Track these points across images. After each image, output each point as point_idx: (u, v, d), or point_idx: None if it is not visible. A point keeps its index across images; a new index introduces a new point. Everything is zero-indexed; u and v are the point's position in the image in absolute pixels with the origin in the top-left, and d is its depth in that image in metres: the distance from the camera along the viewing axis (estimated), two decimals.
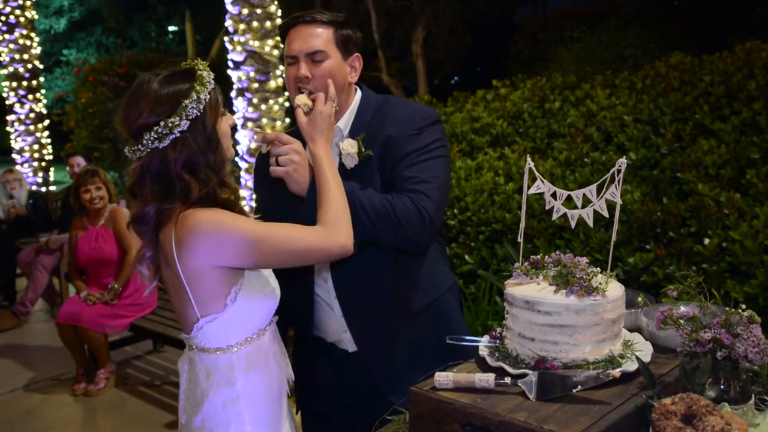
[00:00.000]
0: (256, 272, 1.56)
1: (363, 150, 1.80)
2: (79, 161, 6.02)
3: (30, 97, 9.01)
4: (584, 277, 1.36)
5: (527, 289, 1.39)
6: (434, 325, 1.90)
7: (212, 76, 1.51)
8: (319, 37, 1.79)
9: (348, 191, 1.65)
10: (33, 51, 9.06)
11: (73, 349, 4.36)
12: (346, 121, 1.88)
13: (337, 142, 1.85)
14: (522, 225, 1.51)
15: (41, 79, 9.38)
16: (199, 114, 1.45)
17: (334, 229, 1.51)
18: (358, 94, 1.93)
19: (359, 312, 1.86)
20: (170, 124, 1.43)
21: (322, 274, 1.89)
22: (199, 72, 1.48)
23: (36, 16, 9.36)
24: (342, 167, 1.81)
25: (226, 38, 5.77)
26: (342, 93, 1.84)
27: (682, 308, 1.42)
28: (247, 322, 1.56)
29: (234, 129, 5.73)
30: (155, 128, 1.44)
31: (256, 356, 1.58)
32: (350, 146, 1.80)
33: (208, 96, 1.47)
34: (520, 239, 1.51)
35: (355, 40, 1.87)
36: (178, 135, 1.45)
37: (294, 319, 1.96)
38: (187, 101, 1.44)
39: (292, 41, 1.81)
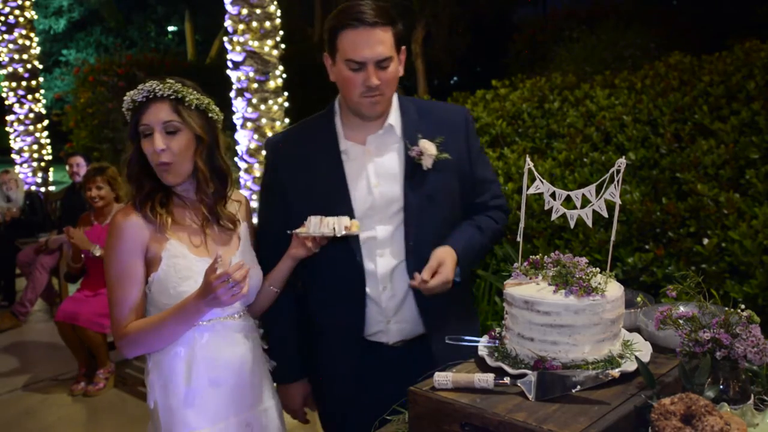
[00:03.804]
0: (173, 267, 1.70)
1: (441, 152, 1.86)
2: (79, 161, 6.01)
3: (29, 97, 9.00)
4: (583, 277, 1.36)
5: (526, 289, 1.39)
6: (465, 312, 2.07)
7: (136, 97, 1.70)
8: (386, 42, 1.78)
9: (479, 248, 1.94)
10: (32, 51, 9.05)
11: (74, 348, 4.36)
12: (395, 117, 1.91)
13: (401, 142, 1.89)
14: (521, 225, 1.51)
15: (40, 79, 9.37)
16: (127, 122, 1.74)
17: (128, 338, 1.70)
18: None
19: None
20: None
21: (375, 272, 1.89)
22: (129, 93, 1.72)
23: (35, 16, 9.35)
24: (418, 167, 1.86)
25: (225, 38, 5.77)
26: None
27: (682, 308, 1.42)
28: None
29: (233, 129, 5.74)
30: None
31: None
32: (430, 147, 1.86)
33: (127, 114, 1.74)
34: (520, 239, 1.51)
35: (402, 33, 1.88)
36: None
37: (343, 314, 1.92)
38: (125, 100, 1.74)
39: (358, 45, 1.75)
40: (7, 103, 8.98)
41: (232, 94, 5.71)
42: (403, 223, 1.85)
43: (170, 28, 20.29)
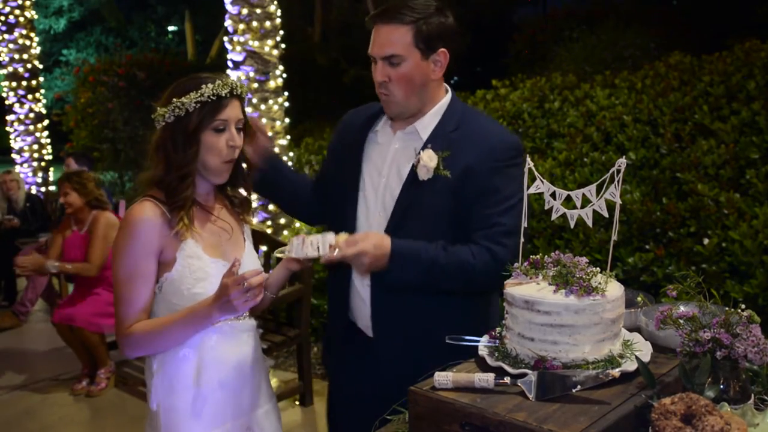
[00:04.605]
0: (188, 268, 1.67)
1: (442, 168, 1.76)
2: (69, 162, 6.00)
3: (29, 97, 9.00)
4: (584, 277, 1.36)
5: (527, 288, 1.39)
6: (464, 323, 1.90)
7: (221, 92, 1.65)
8: (396, 39, 1.76)
9: (429, 263, 1.71)
10: (32, 51, 9.05)
11: (75, 348, 4.35)
12: (426, 125, 1.85)
13: (417, 147, 1.82)
14: (523, 225, 1.51)
15: (41, 79, 9.38)
16: (182, 115, 1.65)
17: (133, 338, 1.66)
18: (447, 97, 1.90)
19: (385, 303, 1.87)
20: (162, 112, 1.68)
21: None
22: (204, 87, 1.65)
23: (35, 16, 9.36)
24: (412, 176, 1.80)
25: (225, 38, 5.76)
26: (422, 92, 1.82)
27: (682, 308, 1.42)
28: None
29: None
30: (159, 109, 1.70)
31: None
32: (430, 160, 1.77)
33: (195, 106, 1.64)
34: (521, 239, 1.51)
35: (442, 33, 1.81)
36: (165, 122, 1.68)
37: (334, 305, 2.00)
38: (177, 102, 1.65)
39: (372, 41, 1.80)
40: (7, 102, 8.99)
41: None
42: (385, 226, 1.84)
43: (170, 28, 20.30)
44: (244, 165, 1.83)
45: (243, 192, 1.87)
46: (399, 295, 1.82)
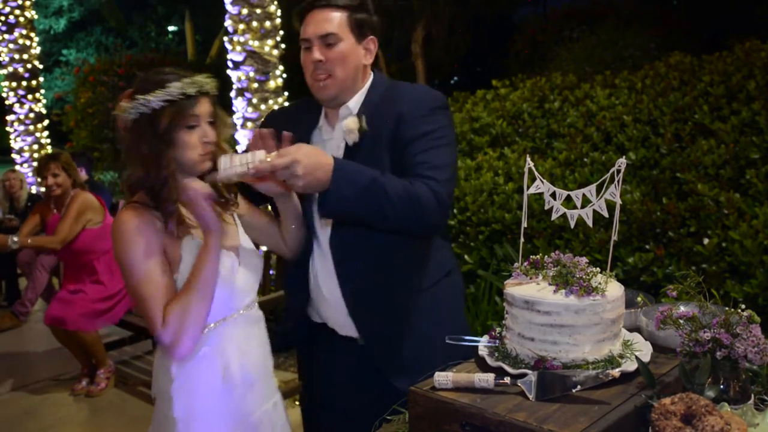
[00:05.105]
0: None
1: (363, 127, 1.81)
2: None
3: (29, 97, 9.00)
4: (584, 277, 1.36)
5: (527, 289, 1.39)
6: (434, 311, 1.91)
7: (189, 91, 1.65)
8: (332, 20, 1.82)
9: (370, 179, 1.65)
10: (32, 51, 9.05)
11: (72, 350, 4.34)
12: (356, 102, 1.89)
13: (342, 120, 1.86)
14: (523, 225, 1.51)
15: (41, 79, 9.38)
16: (147, 113, 1.63)
17: (171, 323, 1.58)
18: (371, 77, 1.94)
19: (359, 293, 1.86)
20: (125, 107, 1.66)
21: (322, 257, 1.90)
22: (170, 85, 1.64)
23: (35, 16, 9.35)
24: (345, 146, 1.83)
25: (225, 38, 5.77)
26: (356, 75, 1.86)
27: (682, 308, 1.42)
28: None
29: (233, 128, 5.74)
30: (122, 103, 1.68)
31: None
32: (352, 123, 1.81)
33: (162, 104, 1.63)
34: (521, 239, 1.51)
35: (371, 23, 1.89)
36: (132, 119, 1.65)
37: (295, 302, 1.99)
38: (141, 98, 1.63)
39: (306, 25, 1.84)
40: (7, 103, 8.99)
41: (233, 94, 5.71)
42: None
43: (170, 28, 20.29)
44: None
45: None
46: (372, 289, 1.83)
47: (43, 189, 4.62)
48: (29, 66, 9.00)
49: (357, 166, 1.69)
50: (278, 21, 5.77)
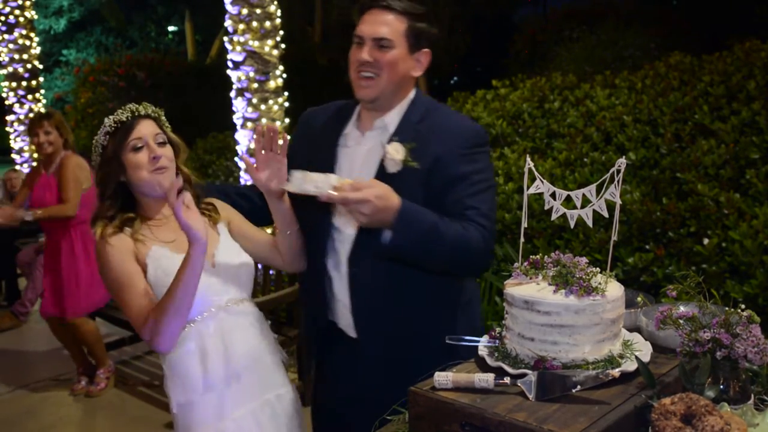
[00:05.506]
0: (161, 269, 1.74)
1: (409, 160, 1.76)
2: None
3: (29, 97, 8.99)
4: (584, 277, 1.36)
5: (527, 289, 1.39)
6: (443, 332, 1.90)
7: (122, 118, 1.81)
8: (390, 25, 1.79)
9: (430, 224, 1.67)
10: (32, 51, 9.04)
11: (69, 347, 4.32)
12: (393, 118, 1.86)
13: (383, 141, 1.82)
14: (523, 225, 1.51)
15: (41, 79, 9.36)
16: (101, 151, 1.83)
17: (156, 328, 1.66)
18: (413, 92, 1.91)
19: (372, 313, 1.86)
20: (93, 155, 1.88)
21: (338, 272, 1.90)
22: (107, 120, 1.82)
23: (35, 16, 9.34)
24: (381, 170, 1.79)
25: (225, 38, 5.76)
26: (400, 83, 1.84)
27: (682, 308, 1.42)
28: None
29: (233, 129, 5.74)
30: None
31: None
32: (397, 152, 1.77)
33: (106, 138, 1.81)
34: (521, 239, 1.51)
35: (429, 35, 1.86)
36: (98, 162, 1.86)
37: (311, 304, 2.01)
38: (95, 142, 1.85)
39: (363, 22, 1.82)
40: (7, 103, 8.97)
41: (233, 94, 5.71)
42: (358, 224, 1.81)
43: (170, 28, 20.28)
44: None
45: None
46: (379, 293, 1.82)
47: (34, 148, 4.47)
48: (29, 66, 8.98)
49: (419, 211, 1.69)
50: (278, 21, 5.77)
